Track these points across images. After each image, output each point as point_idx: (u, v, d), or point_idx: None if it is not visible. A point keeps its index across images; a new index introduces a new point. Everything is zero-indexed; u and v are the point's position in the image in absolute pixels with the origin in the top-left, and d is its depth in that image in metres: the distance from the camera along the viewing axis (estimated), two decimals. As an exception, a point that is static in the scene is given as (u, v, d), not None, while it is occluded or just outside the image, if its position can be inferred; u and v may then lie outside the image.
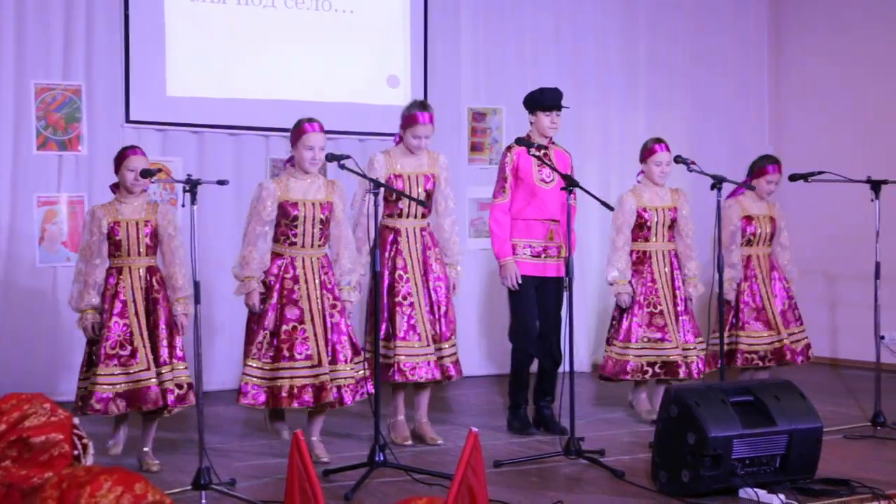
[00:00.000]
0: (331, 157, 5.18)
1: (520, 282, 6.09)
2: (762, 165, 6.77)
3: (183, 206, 4.86)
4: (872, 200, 6.25)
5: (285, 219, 5.42)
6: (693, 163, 5.89)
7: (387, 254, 5.79)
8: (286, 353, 5.34)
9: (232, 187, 6.92)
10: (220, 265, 7.79)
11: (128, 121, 7.71)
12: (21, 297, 7.46)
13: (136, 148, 5.49)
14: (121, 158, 5.36)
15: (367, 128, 8.40)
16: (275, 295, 5.39)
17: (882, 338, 6.54)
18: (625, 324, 6.37)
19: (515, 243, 6.14)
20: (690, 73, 9.75)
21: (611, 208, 5.52)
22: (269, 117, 7.95)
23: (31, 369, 7.44)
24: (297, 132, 5.49)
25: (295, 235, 5.43)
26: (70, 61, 7.61)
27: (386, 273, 5.75)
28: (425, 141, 5.85)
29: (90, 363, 5.30)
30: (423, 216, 5.89)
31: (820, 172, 6.33)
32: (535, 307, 6.15)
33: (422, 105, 5.91)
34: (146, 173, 5.20)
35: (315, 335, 5.34)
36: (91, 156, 7.60)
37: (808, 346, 6.85)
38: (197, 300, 4.77)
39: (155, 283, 5.32)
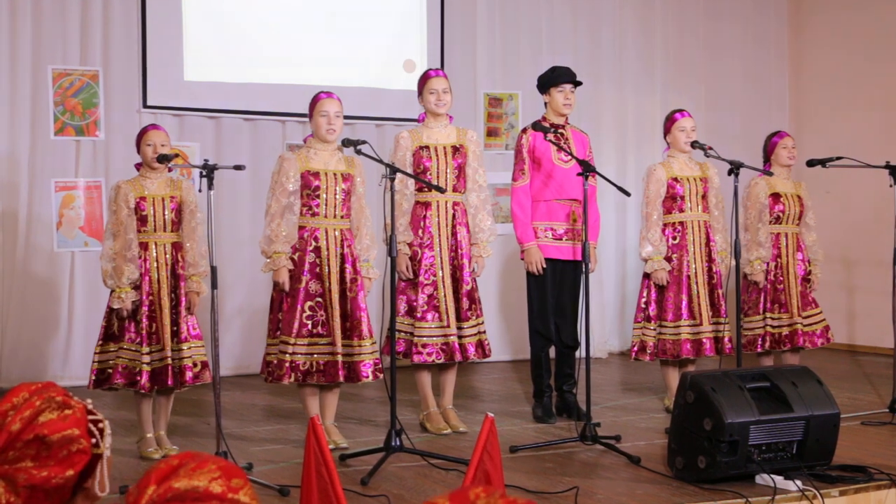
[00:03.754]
0: (347, 143, 5.16)
1: (544, 266, 6.07)
2: (771, 139, 6.75)
3: (200, 191, 4.85)
4: (891, 186, 6.21)
5: (307, 189, 5.37)
6: (710, 148, 5.86)
7: (419, 231, 5.74)
8: (311, 330, 5.34)
9: (248, 173, 6.94)
10: (234, 251, 7.84)
11: (145, 106, 7.74)
12: (39, 281, 7.51)
13: (156, 125, 5.53)
14: (140, 135, 5.38)
15: (384, 112, 8.40)
16: (305, 271, 5.35)
17: (900, 324, 6.49)
18: (670, 301, 6.15)
19: (536, 227, 6.11)
20: (708, 58, 9.72)
21: (627, 193, 5.47)
22: (285, 102, 7.96)
23: (48, 352, 7.49)
24: (313, 102, 5.51)
25: (317, 206, 5.38)
26: (87, 46, 7.63)
27: (417, 249, 5.71)
28: (444, 97, 5.78)
29: (108, 336, 5.29)
30: (455, 189, 5.83)
31: (838, 158, 6.29)
32: (554, 290, 6.12)
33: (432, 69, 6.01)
34: (163, 158, 5.22)
35: (332, 313, 5.33)
36: (108, 141, 7.63)
37: (826, 328, 6.71)
38: (214, 285, 4.78)
39: (180, 259, 5.33)
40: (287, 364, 5.29)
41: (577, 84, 6.18)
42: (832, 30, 9.68)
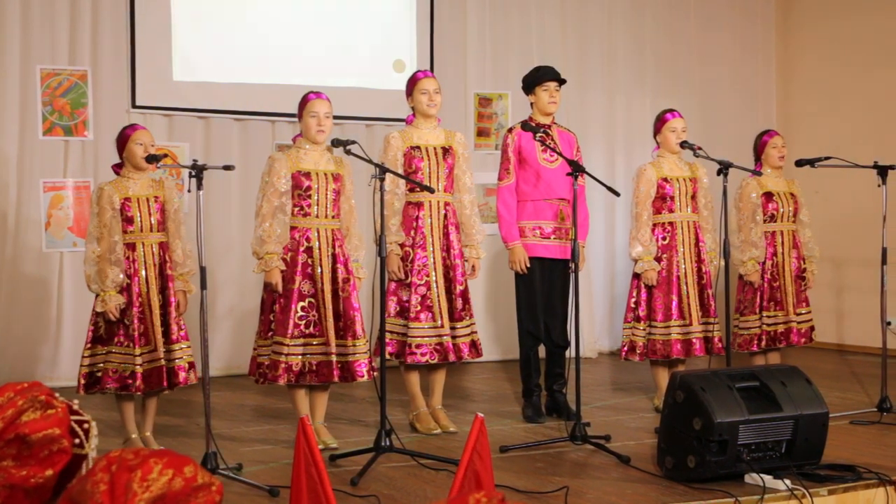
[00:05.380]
0: (337, 143, 5.16)
1: (528, 265, 6.07)
2: (761, 138, 6.75)
3: (189, 191, 4.83)
4: (879, 186, 6.23)
5: (298, 189, 5.35)
6: (699, 148, 5.87)
7: (412, 231, 5.72)
8: (304, 330, 5.33)
9: (238, 173, 6.94)
10: (224, 251, 7.84)
11: (134, 106, 7.72)
12: (27, 281, 7.48)
13: (138, 125, 5.52)
14: (125, 136, 5.33)
15: (374, 113, 8.40)
16: (298, 272, 5.33)
17: (888, 323, 6.52)
18: (659, 301, 6.16)
19: (524, 226, 6.11)
20: (698, 66, 9.73)
21: (617, 194, 5.48)
22: (275, 102, 7.95)
23: (36, 353, 7.47)
24: (302, 102, 5.50)
25: (309, 206, 5.36)
26: (76, 46, 7.61)
27: (409, 249, 5.70)
28: (436, 97, 5.79)
29: (96, 340, 5.26)
30: (446, 190, 5.82)
31: (826, 158, 6.31)
32: (543, 289, 6.12)
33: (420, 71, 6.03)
34: (152, 158, 5.20)
35: (325, 313, 5.32)
36: (97, 141, 7.61)
37: (811, 328, 6.73)
38: (203, 286, 4.76)
39: (168, 259, 5.32)
40: (283, 365, 5.28)
41: (561, 82, 6.19)
42: (819, 38, 9.71)
